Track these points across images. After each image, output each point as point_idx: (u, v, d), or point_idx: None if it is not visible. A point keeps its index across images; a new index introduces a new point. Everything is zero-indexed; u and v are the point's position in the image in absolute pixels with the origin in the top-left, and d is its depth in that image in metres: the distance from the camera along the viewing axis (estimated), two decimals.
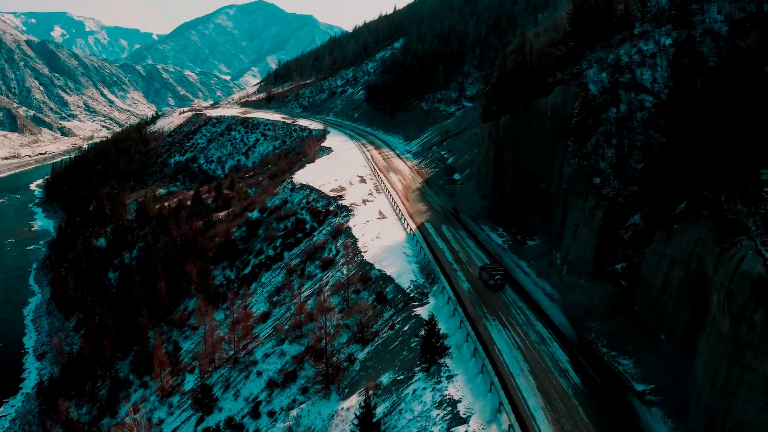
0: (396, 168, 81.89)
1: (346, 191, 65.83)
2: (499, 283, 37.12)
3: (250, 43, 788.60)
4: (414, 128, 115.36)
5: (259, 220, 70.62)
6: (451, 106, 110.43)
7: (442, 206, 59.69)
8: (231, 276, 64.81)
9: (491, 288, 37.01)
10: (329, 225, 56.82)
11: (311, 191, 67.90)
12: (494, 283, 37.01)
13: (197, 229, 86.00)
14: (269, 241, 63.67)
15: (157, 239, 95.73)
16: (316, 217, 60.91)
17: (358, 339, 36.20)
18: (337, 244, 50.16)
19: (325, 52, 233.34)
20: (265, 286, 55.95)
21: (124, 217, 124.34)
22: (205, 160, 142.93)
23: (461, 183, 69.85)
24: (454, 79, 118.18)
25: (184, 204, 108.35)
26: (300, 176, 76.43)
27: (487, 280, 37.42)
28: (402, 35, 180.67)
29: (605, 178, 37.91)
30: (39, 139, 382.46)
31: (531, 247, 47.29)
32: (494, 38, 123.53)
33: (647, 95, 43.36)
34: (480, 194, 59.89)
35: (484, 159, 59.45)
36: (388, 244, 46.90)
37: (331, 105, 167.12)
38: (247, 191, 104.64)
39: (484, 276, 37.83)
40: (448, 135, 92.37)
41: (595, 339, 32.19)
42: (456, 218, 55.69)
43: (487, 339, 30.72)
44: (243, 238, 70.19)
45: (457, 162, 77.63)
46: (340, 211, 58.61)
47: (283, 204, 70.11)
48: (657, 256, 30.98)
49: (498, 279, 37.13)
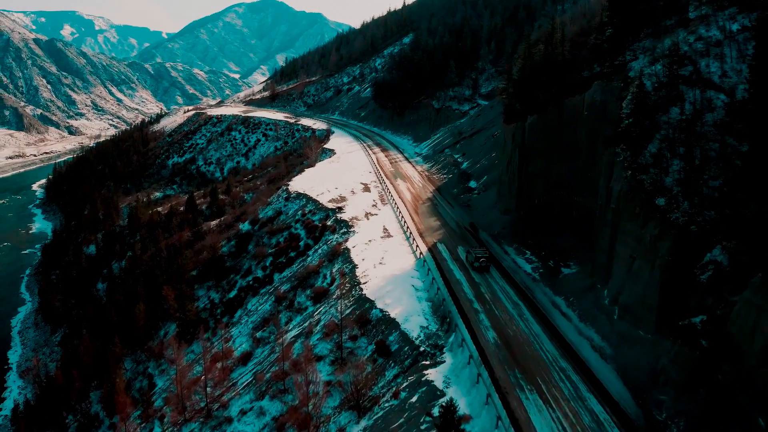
0: (404, 173, 73.66)
1: (347, 202, 57.81)
2: (484, 266, 39.24)
3: (259, 41, 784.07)
4: (424, 128, 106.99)
5: (249, 234, 62.86)
6: (465, 104, 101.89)
7: (457, 221, 51.43)
8: (216, 298, 57.07)
9: (477, 270, 39.04)
10: (325, 243, 48.84)
11: (308, 201, 59.96)
12: (479, 265, 39.07)
13: (185, 241, 78.54)
14: (259, 259, 55.87)
15: (144, 250, 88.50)
16: (312, 232, 52.96)
17: (352, 405, 28.14)
18: (333, 270, 42.13)
19: (331, 48, 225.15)
20: (251, 314, 48.13)
21: (116, 223, 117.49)
22: (204, 161, 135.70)
23: (478, 192, 61.49)
24: (468, 76, 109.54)
25: (177, 210, 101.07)
26: (297, 183, 68.53)
27: (472, 262, 39.49)
28: (411, 30, 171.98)
29: (672, 199, 29.40)
30: (46, 138, 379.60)
31: (568, 277, 38.88)
32: (511, 31, 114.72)
33: (717, 92, 34.76)
34: (501, 207, 51.52)
35: (507, 166, 51.08)
36: (393, 272, 38.77)
37: (337, 103, 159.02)
38: (243, 196, 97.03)
39: (470, 258, 39.99)
40: (462, 136, 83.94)
41: (669, 421, 23.87)
42: (474, 237, 47.41)
43: (524, 422, 22.55)
44: (231, 253, 62.44)
45: (473, 167, 69.23)
46: (338, 226, 50.59)
47: (277, 215, 62.27)
48: (753, 310, 22.66)
49: (483, 261, 39.31)
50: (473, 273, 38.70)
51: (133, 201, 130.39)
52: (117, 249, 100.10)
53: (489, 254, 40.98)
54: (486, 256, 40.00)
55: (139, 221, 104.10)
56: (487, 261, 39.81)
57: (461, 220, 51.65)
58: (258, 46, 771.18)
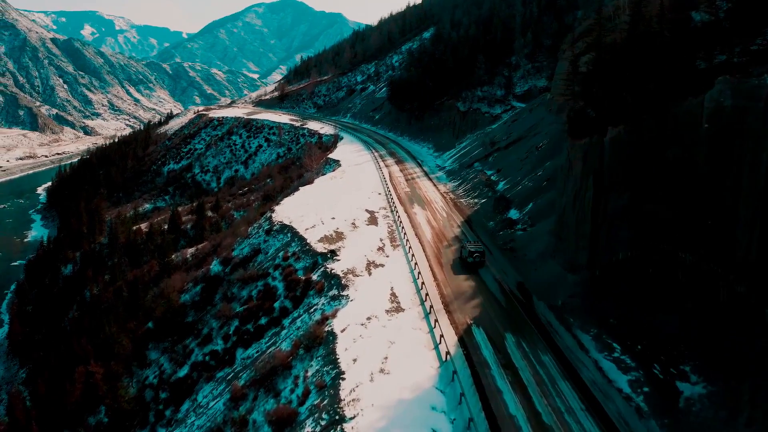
0: (423, 196, 57.89)
1: (345, 241, 42.39)
2: (479, 261, 36.64)
3: (278, 41, 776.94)
4: (447, 135, 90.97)
5: (219, 278, 47.98)
6: (497, 106, 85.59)
7: (499, 279, 35.49)
8: (167, 370, 42.21)
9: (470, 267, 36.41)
10: (307, 311, 33.53)
11: (294, 238, 44.71)
12: (473, 261, 36.62)
13: (153, 275, 64.23)
14: (222, 320, 40.86)
15: (114, 280, 74.61)
16: (292, 289, 37.73)
17: None
18: (308, 371, 26.69)
19: (346, 46, 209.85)
20: (200, 414, 33.15)
21: (97, 240, 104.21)
22: (201, 169, 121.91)
23: (523, 227, 45.36)
24: (500, 73, 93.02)
25: (159, 228, 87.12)
26: (285, 208, 53.38)
27: (465, 257, 37.16)
28: (432, 24, 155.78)
29: None
30: (60, 138, 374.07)
31: (691, 403, 22.81)
32: (549, 21, 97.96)
33: None
34: (564, 259, 35.40)
35: (573, 200, 34.95)
36: (402, 393, 23.15)
37: (349, 105, 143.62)
38: (233, 214, 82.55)
39: (464, 254, 37.58)
40: (496, 147, 67.74)
41: None
42: (527, 311, 31.47)
43: None
44: (195, 303, 47.60)
45: (513, 189, 53.13)
46: (327, 284, 35.21)
47: (254, 254, 47.25)
48: None
49: (477, 257, 36.70)
50: (533, 388, 22.87)
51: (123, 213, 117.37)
52: (89, 274, 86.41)
53: (484, 249, 38.46)
54: (481, 251, 37.33)
55: (117, 241, 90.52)
56: (482, 256, 37.05)
57: (505, 278, 35.68)
58: (277, 47, 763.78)
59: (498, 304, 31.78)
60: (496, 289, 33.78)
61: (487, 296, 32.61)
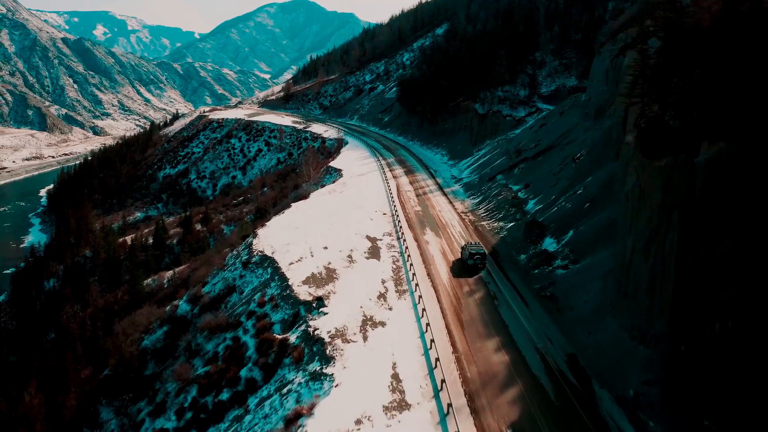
0: (437, 218, 48.53)
1: (337, 283, 33.24)
2: (479, 264, 35.07)
3: (290, 41, 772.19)
4: (464, 140, 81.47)
5: (185, 320, 39.15)
6: (520, 109, 75.89)
7: (542, 350, 25.98)
8: None
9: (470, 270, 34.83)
10: (279, 392, 24.45)
11: (274, 276, 35.66)
12: (474, 263, 35.06)
13: (124, 302, 55.75)
14: (181, 384, 31.99)
15: (85, 305, 66.39)
16: (264, 353, 28.71)
17: None
18: None
19: (355, 44, 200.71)
20: None
21: (82, 252, 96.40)
22: (197, 174, 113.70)
23: (563, 262, 35.77)
24: (522, 70, 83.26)
25: (142, 243, 78.83)
26: (270, 232, 44.37)
27: (466, 259, 35.58)
28: (446, 19, 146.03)
29: None
30: (69, 138, 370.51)
31: None
32: (578, 12, 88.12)
33: None
34: (632, 323, 25.84)
35: (647, 243, 25.37)
36: None
37: (356, 105, 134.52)
38: (222, 229, 73.92)
39: (464, 255, 36.13)
40: (522, 156, 58.10)
41: None
42: (586, 408, 21.98)
43: None
44: (157, 351, 38.85)
45: (548, 211, 43.55)
46: (308, 353, 26.10)
47: (227, 293, 38.36)
48: None
49: (478, 259, 35.09)
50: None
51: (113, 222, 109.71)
52: (67, 293, 78.43)
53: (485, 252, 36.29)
54: (482, 253, 35.56)
55: (98, 256, 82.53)
56: (483, 259, 35.26)
57: (549, 347, 26.12)
58: (289, 47, 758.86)
59: (544, 395, 22.29)
60: (540, 368, 24.27)
61: (528, 381, 23.15)
